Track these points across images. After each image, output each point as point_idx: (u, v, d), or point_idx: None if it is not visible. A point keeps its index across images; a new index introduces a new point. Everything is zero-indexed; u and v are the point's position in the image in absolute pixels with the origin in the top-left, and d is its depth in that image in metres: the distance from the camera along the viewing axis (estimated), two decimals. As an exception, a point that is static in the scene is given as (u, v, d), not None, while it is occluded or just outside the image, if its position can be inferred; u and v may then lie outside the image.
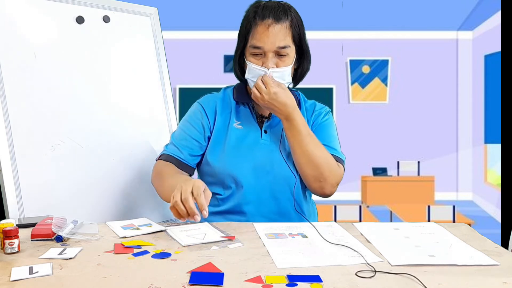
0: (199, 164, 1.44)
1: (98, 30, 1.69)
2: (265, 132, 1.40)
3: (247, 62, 1.34)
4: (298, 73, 1.42)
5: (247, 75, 1.35)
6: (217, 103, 1.44)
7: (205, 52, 6.34)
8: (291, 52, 1.33)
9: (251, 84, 1.35)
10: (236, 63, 1.40)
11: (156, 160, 1.41)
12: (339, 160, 1.38)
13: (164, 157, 1.38)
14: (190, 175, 1.37)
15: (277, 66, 1.32)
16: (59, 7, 1.60)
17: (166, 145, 1.42)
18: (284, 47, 1.31)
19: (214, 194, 1.38)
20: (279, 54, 1.31)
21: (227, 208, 1.38)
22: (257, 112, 1.43)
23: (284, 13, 1.31)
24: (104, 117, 1.66)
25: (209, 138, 1.40)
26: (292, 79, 1.40)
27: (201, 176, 1.45)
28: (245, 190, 1.36)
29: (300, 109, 1.41)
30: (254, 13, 1.32)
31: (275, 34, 1.29)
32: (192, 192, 1.09)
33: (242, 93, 1.44)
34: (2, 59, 1.45)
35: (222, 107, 1.43)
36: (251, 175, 1.36)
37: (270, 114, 1.42)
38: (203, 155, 1.41)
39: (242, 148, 1.37)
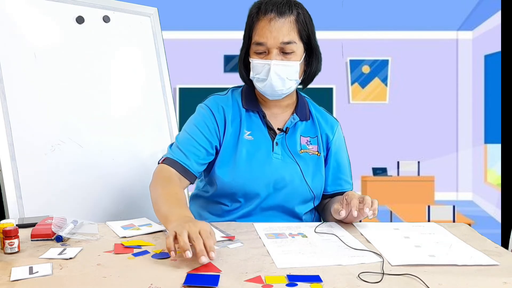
0: (204, 173, 1.37)
1: (98, 30, 1.69)
2: (276, 144, 1.32)
3: (250, 60, 1.27)
4: (307, 74, 1.32)
5: (252, 74, 1.27)
6: (226, 109, 1.33)
7: (205, 52, 6.34)
8: (298, 49, 1.25)
9: (257, 85, 1.28)
10: (242, 64, 1.32)
11: (158, 163, 1.28)
12: None
13: (169, 161, 1.25)
14: (191, 183, 1.29)
15: None
16: (59, 7, 1.60)
17: (170, 148, 1.30)
18: (288, 43, 1.22)
19: (219, 203, 1.35)
20: (284, 51, 1.23)
21: (232, 219, 1.33)
22: (268, 121, 1.34)
23: (289, 7, 1.23)
24: (104, 117, 1.66)
25: (217, 148, 1.31)
26: (301, 81, 1.32)
27: (207, 186, 1.37)
28: (256, 205, 1.31)
29: (309, 119, 1.38)
30: (257, 9, 1.25)
31: (278, 29, 1.21)
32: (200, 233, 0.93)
33: (251, 100, 1.35)
34: (2, 59, 1.45)
35: (232, 115, 1.33)
36: (263, 191, 1.30)
37: (288, 128, 1.33)
38: (209, 164, 1.32)
39: (254, 163, 1.30)
